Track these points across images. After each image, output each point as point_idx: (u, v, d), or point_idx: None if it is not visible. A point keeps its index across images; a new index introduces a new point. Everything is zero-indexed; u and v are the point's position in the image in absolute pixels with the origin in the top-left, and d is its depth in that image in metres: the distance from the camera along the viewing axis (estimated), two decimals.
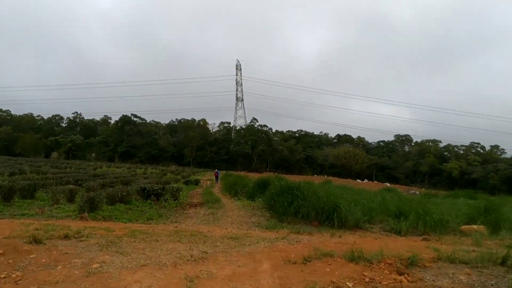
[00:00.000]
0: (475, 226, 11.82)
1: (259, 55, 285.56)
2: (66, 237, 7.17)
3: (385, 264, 6.13)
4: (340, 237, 9.35)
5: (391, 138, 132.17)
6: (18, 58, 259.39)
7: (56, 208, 12.47)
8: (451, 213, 13.12)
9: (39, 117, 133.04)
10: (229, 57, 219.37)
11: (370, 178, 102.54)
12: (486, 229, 11.50)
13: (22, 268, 5.29)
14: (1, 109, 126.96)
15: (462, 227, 11.92)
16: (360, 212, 11.99)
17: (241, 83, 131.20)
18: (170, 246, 7.05)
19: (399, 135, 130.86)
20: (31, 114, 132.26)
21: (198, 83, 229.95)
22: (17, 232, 7.35)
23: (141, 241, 7.38)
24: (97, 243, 6.91)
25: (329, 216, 11.48)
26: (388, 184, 72.58)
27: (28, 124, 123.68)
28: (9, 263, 5.48)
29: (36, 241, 6.51)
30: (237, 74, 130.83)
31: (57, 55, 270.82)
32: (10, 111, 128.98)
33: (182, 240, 7.70)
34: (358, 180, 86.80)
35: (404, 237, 10.48)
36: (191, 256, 6.32)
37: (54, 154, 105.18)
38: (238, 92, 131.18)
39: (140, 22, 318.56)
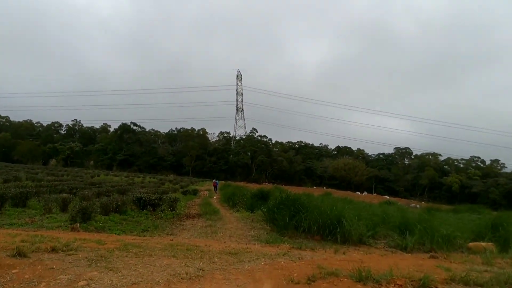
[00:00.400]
0: (483, 243, 11.38)
1: (261, 65, 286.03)
2: (54, 250, 6.71)
3: (395, 286, 5.69)
4: (344, 253, 8.88)
5: (391, 151, 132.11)
6: (18, 65, 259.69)
7: (47, 217, 12.02)
8: (457, 229, 12.69)
9: (38, 124, 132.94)
10: (230, 67, 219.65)
11: (370, 191, 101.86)
12: (495, 247, 11.05)
13: (2, 285, 4.84)
14: (0, 115, 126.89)
15: (470, 244, 11.47)
16: (364, 226, 11.55)
17: (242, 93, 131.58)
18: (164, 262, 6.58)
19: (399, 147, 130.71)
20: (30, 120, 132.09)
21: (198, 92, 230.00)
22: (1, 244, 6.90)
23: (133, 256, 6.91)
24: (86, 257, 6.43)
25: (332, 231, 11.03)
26: (388, 197, 72.05)
27: (27, 131, 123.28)
28: None
29: (20, 254, 6.04)
30: (237, 84, 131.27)
31: (58, 62, 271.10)
32: (9, 118, 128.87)
33: (177, 255, 7.23)
34: (357, 192, 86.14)
35: (410, 254, 10.05)
36: (186, 273, 5.85)
37: (52, 162, 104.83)
38: (238, 102, 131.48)
39: (141, 31, 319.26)
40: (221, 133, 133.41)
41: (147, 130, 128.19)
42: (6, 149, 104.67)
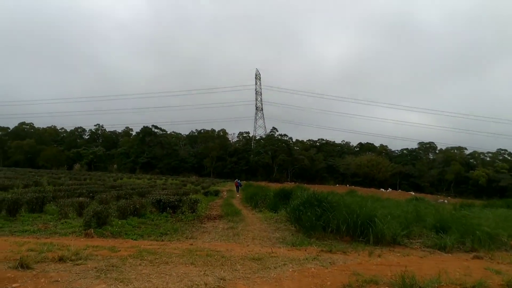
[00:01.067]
0: None
1: (280, 64, 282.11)
2: (62, 259, 6.14)
3: None
4: (379, 256, 8.09)
5: (415, 146, 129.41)
6: (41, 72, 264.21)
7: (62, 223, 11.52)
8: (498, 226, 11.73)
9: (62, 130, 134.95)
10: (249, 66, 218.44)
11: (394, 187, 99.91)
12: None
13: None
14: (25, 122, 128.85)
15: None
16: (397, 225, 10.70)
17: (261, 93, 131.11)
18: (182, 271, 5.93)
19: (423, 142, 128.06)
20: (54, 126, 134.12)
21: (218, 93, 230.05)
22: (6, 254, 6.40)
23: (147, 264, 6.28)
24: (95, 267, 5.84)
25: (363, 231, 10.22)
26: (413, 193, 70.27)
27: (51, 137, 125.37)
28: None
29: (23, 266, 5.49)
30: (256, 84, 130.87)
31: (79, 67, 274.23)
32: (33, 124, 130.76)
33: (196, 262, 6.58)
34: (381, 189, 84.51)
35: (450, 254, 9.19)
36: (205, 284, 5.19)
37: (76, 166, 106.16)
38: (258, 102, 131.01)
39: (159, 33, 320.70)
40: (241, 133, 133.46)
41: (168, 132, 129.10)
42: (31, 155, 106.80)
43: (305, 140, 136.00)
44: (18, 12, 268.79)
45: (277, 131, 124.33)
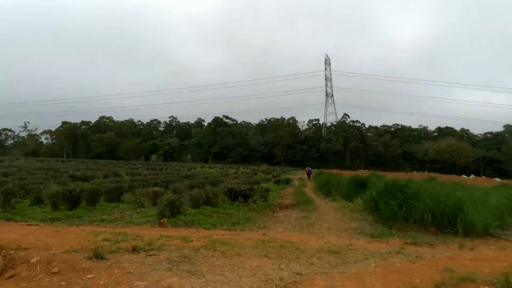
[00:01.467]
0: None
1: (351, 48, 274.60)
2: (135, 250, 6.07)
3: None
4: (472, 249, 7.25)
5: (500, 129, 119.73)
6: (118, 68, 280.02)
7: (137, 212, 11.81)
8: None
9: (139, 122, 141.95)
10: (319, 52, 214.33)
11: (477, 173, 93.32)
12: None
13: None
14: (105, 116, 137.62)
15: None
16: (489, 215, 9.63)
17: (331, 78, 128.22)
18: (255, 263, 5.60)
19: (509, 125, 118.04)
20: (132, 119, 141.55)
21: (287, 81, 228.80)
22: (83, 243, 6.46)
23: (220, 256, 6.04)
24: (167, 259, 5.68)
25: (450, 221, 9.31)
26: (499, 180, 65.13)
27: (129, 129, 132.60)
28: (61, 285, 4.47)
29: (97, 256, 5.46)
30: (326, 69, 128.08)
31: (153, 62, 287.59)
32: (112, 118, 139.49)
33: (269, 255, 6.22)
34: (463, 175, 79.29)
35: None
36: (281, 279, 4.81)
37: (153, 157, 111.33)
38: (328, 88, 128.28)
39: (229, 25, 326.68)
40: (311, 120, 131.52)
41: (238, 122, 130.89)
42: (112, 148, 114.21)
43: (378, 126, 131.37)
44: (93, 13, 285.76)
45: (349, 117, 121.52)
